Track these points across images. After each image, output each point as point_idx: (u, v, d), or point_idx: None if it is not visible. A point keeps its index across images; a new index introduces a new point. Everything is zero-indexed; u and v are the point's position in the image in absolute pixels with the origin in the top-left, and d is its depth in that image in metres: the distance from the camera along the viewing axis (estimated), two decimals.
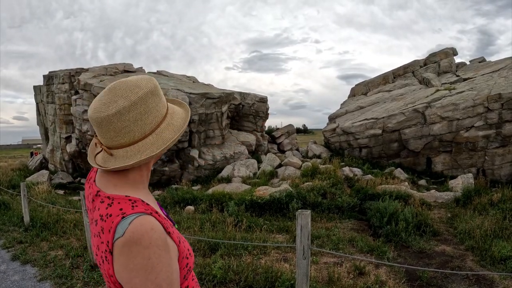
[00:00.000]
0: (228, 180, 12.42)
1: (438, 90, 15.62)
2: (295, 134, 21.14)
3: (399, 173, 12.61)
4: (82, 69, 17.14)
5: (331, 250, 5.27)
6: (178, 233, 0.95)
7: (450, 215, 7.73)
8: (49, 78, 17.49)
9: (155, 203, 0.99)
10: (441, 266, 5.01)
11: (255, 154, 16.37)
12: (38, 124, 19.99)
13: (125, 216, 0.82)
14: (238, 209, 7.59)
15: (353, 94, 22.71)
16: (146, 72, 19.33)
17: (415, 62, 21.28)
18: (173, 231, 0.90)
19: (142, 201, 0.89)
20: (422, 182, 12.25)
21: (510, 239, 5.66)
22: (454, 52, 20.57)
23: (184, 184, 12.43)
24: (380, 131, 14.65)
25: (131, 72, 18.34)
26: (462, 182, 10.37)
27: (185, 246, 0.94)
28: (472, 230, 6.13)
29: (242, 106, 18.31)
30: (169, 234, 0.87)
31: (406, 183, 10.92)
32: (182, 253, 0.91)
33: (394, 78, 21.34)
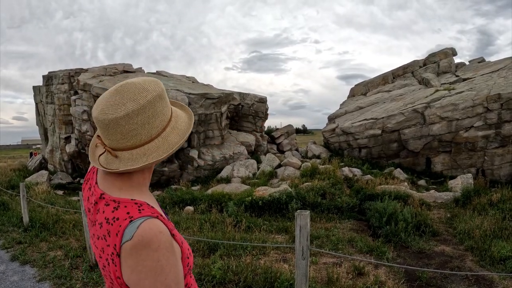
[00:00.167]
0: (227, 180, 12.43)
1: (437, 90, 15.62)
2: (295, 134, 21.16)
3: (399, 173, 12.62)
4: (82, 69, 17.14)
5: (330, 251, 5.27)
6: (179, 234, 0.97)
7: (449, 215, 7.74)
8: (48, 79, 17.48)
9: (158, 205, 1.00)
10: (440, 266, 5.01)
11: (255, 154, 16.38)
12: (37, 124, 19.98)
13: (132, 219, 0.84)
14: (237, 209, 7.58)
15: (352, 94, 22.73)
16: (145, 72, 19.32)
17: (415, 63, 21.30)
18: (176, 233, 0.93)
19: (148, 204, 0.90)
20: (422, 182, 12.25)
21: (510, 239, 5.67)
22: (454, 52, 20.58)
23: (183, 184, 12.42)
24: (379, 131, 14.65)
25: (131, 72, 18.33)
26: (461, 182, 10.38)
27: (185, 246, 0.97)
28: (471, 230, 6.12)
29: (241, 107, 18.31)
30: (173, 236, 0.89)
31: (406, 183, 10.93)
32: (184, 253, 0.94)
33: (394, 78, 21.36)
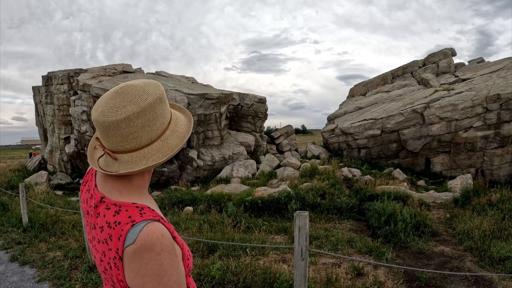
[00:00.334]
0: (227, 180, 12.42)
1: (436, 91, 15.64)
2: (294, 134, 21.16)
3: (398, 173, 12.62)
4: (81, 69, 17.14)
5: (330, 251, 5.27)
6: (179, 236, 0.98)
7: (449, 216, 7.73)
8: (48, 79, 17.47)
9: (157, 207, 1.00)
10: (440, 266, 5.01)
11: (254, 154, 16.37)
12: (37, 124, 19.97)
13: (134, 223, 0.84)
14: (236, 210, 7.58)
15: (352, 94, 22.75)
16: (145, 72, 19.32)
17: (414, 63, 21.31)
18: (177, 235, 0.93)
19: (149, 207, 0.91)
20: (421, 182, 12.26)
21: (509, 240, 5.67)
22: (453, 52, 20.60)
23: (182, 184, 12.42)
24: (379, 132, 14.66)
25: (130, 72, 18.33)
26: (461, 182, 10.38)
27: (186, 248, 0.97)
28: (471, 231, 6.12)
29: (241, 107, 18.31)
30: (174, 238, 0.90)
31: (405, 184, 10.93)
32: (184, 255, 0.94)
33: (393, 78, 21.37)
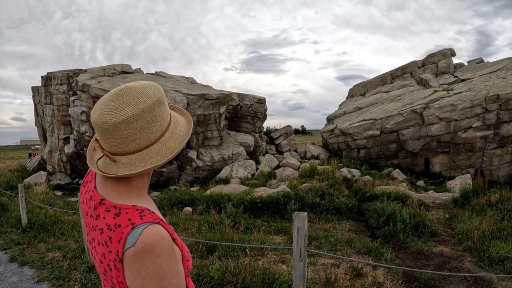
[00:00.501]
0: (226, 181, 12.42)
1: (436, 91, 15.65)
2: (294, 135, 21.16)
3: (397, 174, 12.62)
4: (80, 70, 17.13)
5: (329, 252, 5.27)
6: (179, 238, 0.98)
7: (448, 216, 7.73)
8: (47, 79, 17.46)
9: (157, 209, 1.00)
10: (439, 267, 5.01)
11: (253, 155, 16.37)
12: (36, 125, 19.95)
13: (134, 226, 0.84)
14: (236, 210, 7.57)
15: (351, 95, 22.75)
16: (144, 73, 19.32)
17: (413, 63, 21.32)
18: (177, 237, 0.93)
19: (148, 209, 0.91)
20: (420, 183, 12.26)
21: (508, 240, 5.67)
22: (452, 53, 20.62)
23: (182, 185, 12.42)
24: (378, 132, 14.67)
25: (129, 73, 18.33)
26: (460, 182, 10.38)
27: (185, 249, 0.97)
28: (470, 231, 6.12)
29: (240, 107, 18.31)
30: (174, 240, 0.90)
31: (405, 184, 10.94)
32: (184, 256, 0.94)
33: (392, 79, 21.38)
